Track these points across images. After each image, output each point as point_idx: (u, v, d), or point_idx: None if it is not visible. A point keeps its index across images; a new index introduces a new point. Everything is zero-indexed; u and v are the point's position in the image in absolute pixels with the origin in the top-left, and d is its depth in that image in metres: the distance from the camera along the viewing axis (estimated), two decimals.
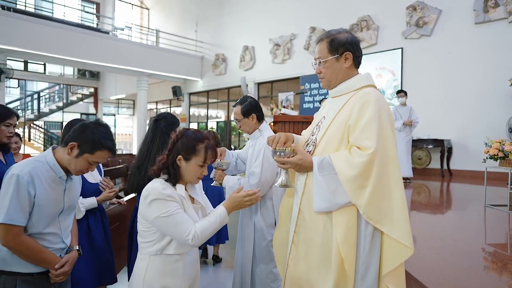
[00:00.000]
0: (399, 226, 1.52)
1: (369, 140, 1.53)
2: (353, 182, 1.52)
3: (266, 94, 13.05)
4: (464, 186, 6.85)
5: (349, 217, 1.56)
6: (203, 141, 1.70)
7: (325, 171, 1.58)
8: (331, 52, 1.72)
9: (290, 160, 1.65)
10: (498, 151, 4.36)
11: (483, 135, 5.98)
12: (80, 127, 1.68)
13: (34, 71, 17.69)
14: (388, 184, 1.54)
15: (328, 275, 1.59)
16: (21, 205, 1.55)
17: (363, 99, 1.62)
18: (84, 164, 1.68)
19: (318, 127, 1.80)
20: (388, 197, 1.54)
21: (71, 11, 16.46)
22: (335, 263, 1.56)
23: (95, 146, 1.65)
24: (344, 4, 10.24)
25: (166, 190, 1.61)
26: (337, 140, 1.65)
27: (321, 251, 1.63)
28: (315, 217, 1.65)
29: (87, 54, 11.80)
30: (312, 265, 1.66)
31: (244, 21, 13.18)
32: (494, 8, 7.59)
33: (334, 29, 1.79)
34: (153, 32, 16.62)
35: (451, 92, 8.23)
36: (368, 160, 1.51)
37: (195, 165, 1.69)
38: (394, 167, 1.57)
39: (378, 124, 1.56)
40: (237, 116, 2.63)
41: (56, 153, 1.70)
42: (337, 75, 1.74)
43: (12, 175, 1.56)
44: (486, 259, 2.88)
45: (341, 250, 1.54)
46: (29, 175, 1.56)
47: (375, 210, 1.52)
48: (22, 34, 10.23)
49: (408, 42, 8.97)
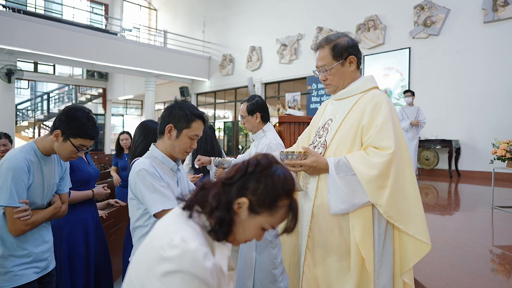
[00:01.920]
0: (416, 223, 1.56)
1: (388, 140, 1.55)
2: (374, 182, 1.53)
3: (273, 94, 13.04)
4: (472, 187, 6.78)
5: (366, 217, 1.58)
6: (290, 195, 1.00)
7: (342, 172, 1.58)
8: (336, 58, 1.72)
9: (304, 162, 1.63)
10: (505, 152, 4.32)
11: (492, 135, 5.92)
12: (166, 112, 1.71)
13: (44, 72, 17.89)
14: (404, 183, 1.57)
15: (347, 277, 1.60)
16: (165, 191, 1.63)
17: (374, 101, 1.64)
18: (186, 141, 1.69)
19: (325, 129, 1.79)
20: (405, 196, 1.56)
21: (80, 12, 16.61)
22: (355, 264, 1.56)
23: (189, 119, 1.66)
24: (351, 4, 10.19)
25: (207, 262, 0.87)
26: (350, 141, 1.65)
27: (338, 254, 1.63)
28: (329, 220, 1.65)
29: (96, 55, 11.91)
30: (330, 269, 1.65)
31: (251, 22, 13.19)
32: (504, 7, 7.49)
33: (332, 34, 1.80)
34: (161, 33, 16.70)
35: (459, 92, 8.15)
36: (388, 160, 1.53)
37: (265, 223, 1.00)
38: (409, 166, 1.60)
39: (393, 125, 1.59)
40: (242, 113, 2.67)
41: (158, 146, 1.74)
42: (344, 80, 1.75)
43: (140, 170, 1.62)
44: (493, 261, 2.85)
45: (361, 250, 1.55)
46: (153, 168, 1.63)
47: (395, 209, 1.53)
48: (32, 35, 10.36)
49: (415, 41, 8.90)
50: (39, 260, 1.81)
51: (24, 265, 1.75)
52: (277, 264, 2.51)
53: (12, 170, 1.67)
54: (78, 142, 1.77)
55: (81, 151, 1.82)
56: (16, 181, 1.66)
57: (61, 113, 1.79)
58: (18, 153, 1.73)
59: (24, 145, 1.81)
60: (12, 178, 1.66)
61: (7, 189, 1.65)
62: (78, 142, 1.77)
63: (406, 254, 1.61)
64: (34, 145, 1.79)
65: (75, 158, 1.84)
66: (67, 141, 1.75)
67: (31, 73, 16.41)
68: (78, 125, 1.75)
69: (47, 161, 1.85)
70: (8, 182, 1.65)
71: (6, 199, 1.64)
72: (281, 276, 2.51)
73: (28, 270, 1.76)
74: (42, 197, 1.83)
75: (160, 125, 1.72)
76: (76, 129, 1.75)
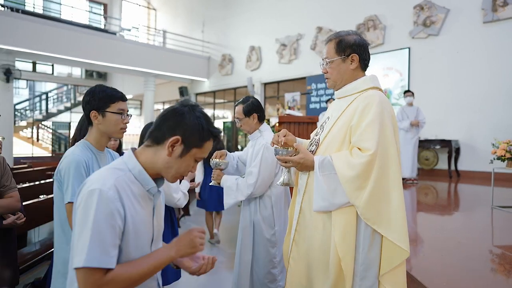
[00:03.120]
0: (396, 229, 1.54)
1: (370, 142, 1.55)
2: (352, 183, 1.54)
3: (273, 94, 13.03)
4: (471, 187, 6.78)
5: (348, 217, 1.58)
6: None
7: (326, 171, 1.60)
8: (338, 52, 1.73)
9: (292, 159, 1.67)
10: (505, 152, 4.31)
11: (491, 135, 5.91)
12: (175, 117, 1.20)
13: (43, 72, 17.88)
14: (387, 186, 1.55)
15: (327, 274, 1.61)
16: (109, 236, 1.06)
17: (366, 101, 1.64)
18: (190, 163, 1.23)
19: (322, 127, 1.82)
20: (386, 199, 1.55)
21: (79, 12, 16.59)
22: (333, 262, 1.57)
23: (204, 136, 1.21)
24: (350, 3, 10.19)
25: None
26: (339, 140, 1.66)
27: (320, 250, 1.64)
28: (315, 216, 1.67)
29: (95, 55, 11.89)
30: (312, 263, 1.68)
31: (250, 22, 13.19)
32: (503, 7, 7.49)
33: (345, 30, 1.80)
34: (160, 33, 16.68)
35: (458, 92, 8.15)
36: (368, 161, 1.52)
37: None
38: (394, 169, 1.57)
39: (379, 126, 1.57)
40: (238, 115, 2.64)
41: (140, 156, 1.22)
42: (342, 76, 1.76)
43: (91, 191, 1.07)
44: (493, 261, 2.84)
45: (338, 250, 1.55)
46: (115, 190, 1.10)
47: (373, 212, 1.53)
48: (30, 35, 10.33)
49: (415, 41, 8.90)
50: None
51: None
52: (276, 263, 2.50)
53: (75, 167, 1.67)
54: (115, 108, 1.76)
55: (126, 116, 1.80)
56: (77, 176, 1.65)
57: (84, 97, 1.76)
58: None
59: (77, 143, 1.78)
60: (73, 176, 1.65)
61: (73, 187, 1.63)
62: (115, 108, 1.76)
63: (384, 258, 1.59)
64: (86, 142, 1.78)
65: (125, 127, 1.82)
66: (106, 114, 1.73)
67: (30, 73, 16.39)
68: (102, 93, 1.74)
69: (102, 157, 1.81)
70: (71, 179, 1.64)
71: None
72: (280, 275, 2.50)
73: None
74: None
75: (160, 131, 1.20)
76: (103, 98, 1.73)
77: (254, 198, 2.55)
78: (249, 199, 2.56)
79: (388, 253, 1.57)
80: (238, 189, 2.50)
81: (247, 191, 2.46)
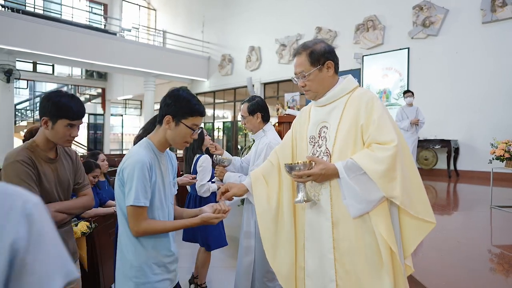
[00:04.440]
0: (424, 207, 1.63)
1: (389, 134, 1.59)
2: (385, 177, 1.55)
3: (272, 94, 13.05)
4: (471, 187, 6.80)
5: (385, 212, 1.62)
6: None
7: (352, 173, 1.59)
8: (313, 64, 1.74)
9: (313, 172, 1.63)
10: (504, 152, 4.33)
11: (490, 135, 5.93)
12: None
13: (43, 72, 17.86)
14: (408, 171, 1.62)
15: (381, 273, 1.61)
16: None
17: (365, 98, 1.67)
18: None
19: (323, 137, 1.77)
20: (411, 183, 1.62)
21: (79, 12, 16.60)
22: (387, 259, 1.58)
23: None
24: (350, 4, 10.20)
25: None
26: (351, 143, 1.66)
27: (368, 255, 1.63)
28: (352, 225, 1.65)
29: (95, 55, 11.90)
30: (363, 271, 1.64)
31: (250, 22, 13.20)
32: (502, 8, 7.52)
33: (308, 41, 1.82)
34: (160, 33, 16.69)
35: (458, 92, 8.17)
36: (394, 153, 1.55)
37: None
38: (408, 155, 1.66)
39: (389, 118, 1.63)
40: (243, 113, 2.70)
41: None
42: (323, 85, 1.77)
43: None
44: (492, 260, 2.86)
45: (390, 244, 1.57)
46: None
47: (407, 198, 1.58)
48: (30, 35, 10.35)
49: (414, 42, 8.91)
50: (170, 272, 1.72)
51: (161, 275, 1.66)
52: None
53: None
54: (190, 122, 1.68)
55: (196, 133, 1.73)
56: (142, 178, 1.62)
57: (165, 97, 1.71)
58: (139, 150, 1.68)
59: (141, 142, 1.73)
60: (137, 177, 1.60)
61: (136, 189, 1.59)
62: (190, 122, 1.68)
63: (408, 238, 1.67)
64: (150, 142, 1.72)
65: (190, 142, 1.75)
66: (179, 124, 1.67)
67: (30, 73, 16.39)
68: (186, 103, 1.67)
69: (162, 158, 1.77)
70: (134, 181, 1.58)
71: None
72: None
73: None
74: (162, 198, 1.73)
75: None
76: (185, 108, 1.66)
77: None
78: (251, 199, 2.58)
79: (413, 231, 1.66)
80: None
81: None
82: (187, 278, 3.64)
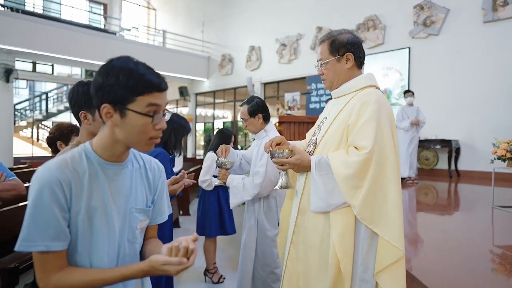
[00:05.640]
0: (392, 228, 1.51)
1: (366, 140, 1.53)
2: (347, 182, 1.52)
3: (273, 94, 13.03)
4: (472, 187, 6.77)
5: (346, 218, 1.55)
6: None
7: (322, 170, 1.58)
8: (332, 53, 1.71)
9: (289, 161, 1.64)
10: (506, 151, 4.30)
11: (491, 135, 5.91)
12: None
13: (42, 72, 17.85)
14: (384, 185, 1.53)
15: (325, 276, 1.59)
16: None
17: (363, 99, 1.62)
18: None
19: (319, 127, 1.81)
20: (383, 199, 1.52)
21: (78, 12, 16.59)
22: (332, 264, 1.55)
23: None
24: (350, 3, 10.18)
25: None
26: (337, 140, 1.64)
27: (319, 252, 1.62)
28: (314, 217, 1.65)
29: (95, 55, 11.87)
30: (311, 265, 1.65)
31: (250, 22, 13.18)
32: (503, 7, 7.49)
33: (337, 29, 1.78)
34: (160, 33, 16.68)
35: (459, 92, 8.15)
36: (364, 160, 1.50)
37: None
38: (391, 168, 1.54)
39: (376, 124, 1.55)
40: (244, 116, 2.65)
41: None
42: (338, 76, 1.74)
43: None
44: (494, 261, 2.84)
45: (337, 251, 1.53)
46: None
47: (369, 211, 1.51)
48: (30, 35, 10.33)
49: (415, 41, 8.89)
50: None
51: None
52: (279, 263, 2.51)
53: None
54: (143, 103, 1.06)
55: (161, 118, 1.10)
56: None
57: (96, 76, 1.15)
58: None
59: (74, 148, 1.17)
60: None
61: None
62: (143, 103, 1.06)
63: (379, 256, 1.56)
64: (87, 147, 1.13)
65: (158, 136, 1.11)
66: (126, 113, 1.05)
67: (30, 73, 16.37)
68: (128, 75, 1.10)
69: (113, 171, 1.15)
70: None
71: None
72: None
73: None
74: None
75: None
76: (128, 83, 1.08)
77: (259, 198, 2.55)
78: (254, 199, 2.57)
79: (382, 252, 1.54)
80: (244, 189, 2.51)
81: (254, 191, 2.47)
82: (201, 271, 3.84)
